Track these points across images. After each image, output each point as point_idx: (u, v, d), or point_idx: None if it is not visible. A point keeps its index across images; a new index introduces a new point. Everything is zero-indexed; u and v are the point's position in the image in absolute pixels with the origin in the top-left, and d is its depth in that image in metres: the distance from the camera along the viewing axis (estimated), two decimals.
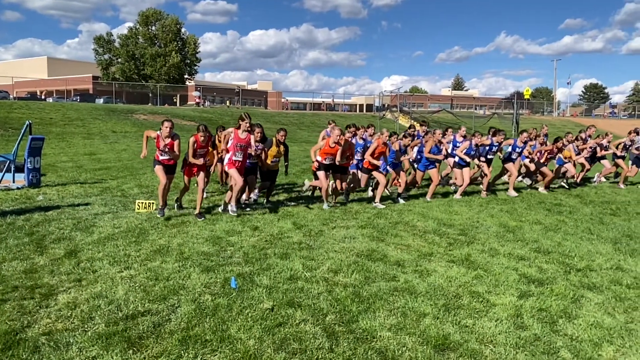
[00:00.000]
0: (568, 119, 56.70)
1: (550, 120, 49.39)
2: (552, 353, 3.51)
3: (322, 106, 59.11)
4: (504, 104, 65.28)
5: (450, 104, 67.99)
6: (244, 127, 7.78)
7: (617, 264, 5.69)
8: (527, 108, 60.01)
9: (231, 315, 3.97)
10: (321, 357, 3.37)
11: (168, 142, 7.37)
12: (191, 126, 27.69)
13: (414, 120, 39.67)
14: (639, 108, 74.36)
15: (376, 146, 8.96)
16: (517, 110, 36.35)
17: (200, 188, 7.67)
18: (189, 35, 57.27)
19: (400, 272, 5.22)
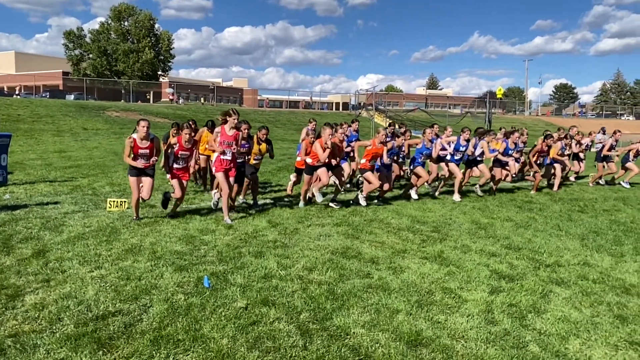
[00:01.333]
0: (539, 118, 57.96)
1: (522, 120, 50.44)
2: (521, 347, 3.59)
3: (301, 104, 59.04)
4: (477, 103, 66.42)
5: (425, 103, 68.67)
6: (231, 124, 7.31)
7: (584, 259, 5.85)
8: (500, 107, 61.11)
9: (204, 314, 3.94)
10: (295, 355, 3.37)
11: (147, 145, 6.88)
12: (164, 123, 27.30)
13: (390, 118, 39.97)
14: (606, 108, 76.64)
15: (369, 146, 8.62)
16: (489, 109, 36.95)
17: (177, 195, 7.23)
18: (163, 31, 56.50)
19: (375, 269, 5.25)
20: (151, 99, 56.29)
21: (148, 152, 6.87)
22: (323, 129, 8.28)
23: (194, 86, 62.55)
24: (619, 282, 5.06)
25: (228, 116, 7.36)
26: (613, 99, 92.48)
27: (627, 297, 4.66)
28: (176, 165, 7.27)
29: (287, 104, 58.92)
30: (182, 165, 7.32)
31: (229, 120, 7.34)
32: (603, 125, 15.82)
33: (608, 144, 12.89)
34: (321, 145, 8.14)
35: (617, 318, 4.15)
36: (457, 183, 9.91)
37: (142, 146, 6.86)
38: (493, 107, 48.93)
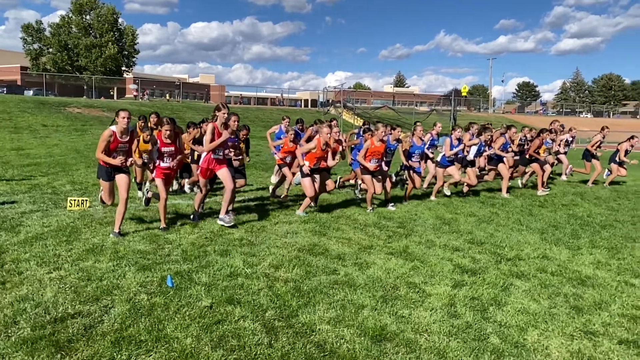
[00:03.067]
0: (503, 115, 59.38)
1: (486, 117, 51.54)
2: (482, 339, 3.68)
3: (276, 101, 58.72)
4: (442, 100, 67.51)
5: (392, 101, 69.38)
6: (221, 119, 6.65)
7: (543, 253, 6.04)
8: (465, 105, 62.32)
9: (168, 314, 3.88)
10: (260, 352, 3.36)
11: (127, 139, 6.14)
12: None
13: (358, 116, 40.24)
14: (566, 106, 79.22)
15: (368, 146, 8.02)
16: (454, 106, 37.65)
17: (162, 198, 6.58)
18: (127, 25, 55.05)
19: (341, 265, 5.28)
20: (115, 95, 54.92)
21: (127, 147, 6.20)
22: (320, 128, 7.77)
23: (159, 82, 61.32)
24: (576, 274, 5.25)
25: (217, 111, 6.74)
26: (572, 97, 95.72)
27: (582, 288, 4.83)
28: (162, 163, 6.66)
29: (255, 101, 58.48)
30: (168, 163, 6.68)
31: (219, 115, 6.68)
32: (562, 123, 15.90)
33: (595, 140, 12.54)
34: (318, 145, 7.56)
35: (573, 309, 4.30)
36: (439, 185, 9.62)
37: (122, 140, 6.14)
38: (458, 104, 49.89)
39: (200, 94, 65.78)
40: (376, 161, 8.02)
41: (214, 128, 6.64)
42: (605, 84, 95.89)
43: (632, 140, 12.50)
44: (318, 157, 7.64)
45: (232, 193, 6.89)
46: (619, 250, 6.26)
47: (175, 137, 6.77)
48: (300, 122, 11.00)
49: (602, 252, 6.15)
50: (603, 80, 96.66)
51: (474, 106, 68.19)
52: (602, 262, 5.72)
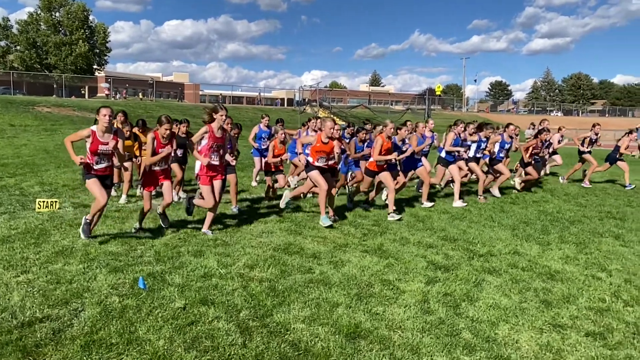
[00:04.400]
0: (476, 114, 60.31)
1: (460, 116, 52.30)
2: (455, 335, 3.73)
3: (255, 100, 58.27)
4: (417, 99, 68.20)
5: (368, 100, 69.73)
6: (220, 121, 6.20)
7: (514, 248, 6.16)
8: (439, 104, 63.10)
9: (140, 316, 3.82)
10: (233, 353, 3.33)
11: (110, 140, 5.61)
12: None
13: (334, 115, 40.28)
14: (537, 104, 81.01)
15: (382, 143, 7.64)
16: (429, 105, 38.08)
17: (166, 202, 6.18)
18: (98, 23, 54.03)
19: (316, 264, 5.29)
20: (86, 94, 53.75)
21: (110, 150, 5.64)
22: (324, 122, 7.30)
23: (132, 81, 60.24)
24: (545, 269, 5.37)
25: (215, 113, 6.19)
26: (543, 96, 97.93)
27: (552, 282, 4.95)
28: (155, 166, 6.17)
29: (230, 100, 57.98)
30: (162, 165, 6.21)
31: (216, 117, 6.18)
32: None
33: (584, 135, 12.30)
34: (319, 140, 7.10)
35: (543, 303, 4.40)
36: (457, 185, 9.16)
37: (103, 140, 5.54)
38: (432, 103, 50.49)
39: (175, 93, 64.89)
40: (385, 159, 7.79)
41: (207, 131, 6.20)
42: (574, 83, 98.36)
43: (632, 134, 12.31)
44: (318, 151, 7.05)
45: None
46: (586, 245, 6.43)
47: (172, 138, 6.27)
48: (280, 122, 10.85)
49: (570, 247, 6.31)
50: (572, 80, 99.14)
51: (448, 105, 69.09)
52: (571, 256, 5.87)
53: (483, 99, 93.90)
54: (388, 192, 7.91)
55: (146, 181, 6.21)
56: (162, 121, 6.09)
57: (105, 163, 5.68)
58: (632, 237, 6.91)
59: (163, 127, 6.06)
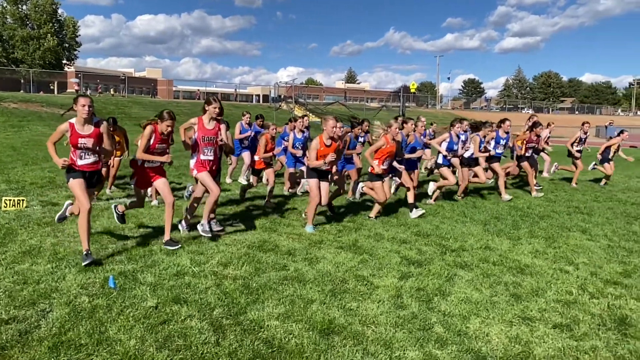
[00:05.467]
0: (449, 111, 61.14)
1: (434, 113, 52.92)
2: (427, 329, 3.78)
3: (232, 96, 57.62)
4: (392, 97, 68.71)
5: (344, 97, 69.92)
6: (211, 114, 5.94)
7: (485, 243, 6.27)
8: (413, 101, 63.72)
9: (110, 316, 3.75)
10: (207, 351, 3.31)
11: (91, 132, 5.05)
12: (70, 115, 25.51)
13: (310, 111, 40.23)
14: (508, 102, 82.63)
15: (381, 145, 7.09)
16: (403, 103, 38.39)
17: (168, 203, 5.62)
18: (67, 16, 52.77)
19: (291, 261, 5.29)
20: (55, 90, 52.41)
21: (92, 143, 5.06)
22: (325, 121, 6.70)
23: (103, 76, 58.92)
24: (515, 263, 5.48)
25: (207, 104, 5.98)
26: (515, 93, 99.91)
27: (521, 276, 5.05)
28: (147, 163, 5.69)
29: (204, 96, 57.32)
30: (155, 163, 5.71)
31: (208, 109, 5.95)
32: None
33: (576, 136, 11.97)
34: (321, 143, 6.58)
35: (513, 296, 4.49)
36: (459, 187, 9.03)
37: (83, 133, 4.99)
38: (407, 101, 50.93)
39: (147, 88, 63.79)
40: (389, 162, 7.29)
41: (196, 122, 5.97)
42: (544, 81, 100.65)
43: (623, 134, 12.10)
44: (323, 155, 6.53)
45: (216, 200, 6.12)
46: (555, 239, 6.59)
47: (170, 136, 5.77)
48: (260, 118, 10.73)
49: (540, 241, 6.46)
50: (543, 78, 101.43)
51: (422, 103, 69.83)
52: (540, 251, 6.01)
53: (456, 96, 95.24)
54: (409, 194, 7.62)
55: (139, 181, 5.74)
56: (164, 117, 5.58)
57: (92, 158, 5.11)
58: (598, 231, 7.11)
59: (165, 123, 5.57)
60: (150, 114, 35.74)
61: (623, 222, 7.79)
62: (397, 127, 7.19)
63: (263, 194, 8.97)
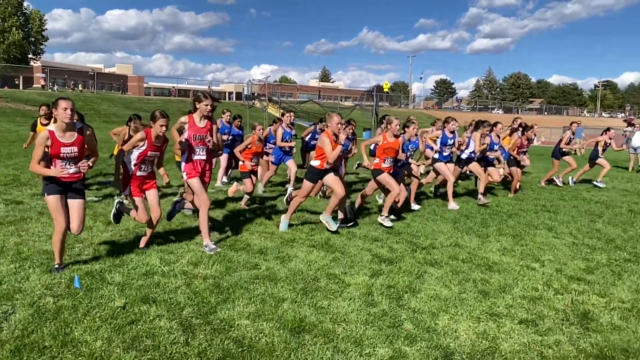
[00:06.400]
0: (422, 111, 61.88)
1: (407, 112, 53.48)
2: (397, 326, 3.82)
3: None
4: (365, 96, 69.10)
5: (318, 95, 70.00)
6: (203, 111, 5.55)
7: (455, 241, 6.38)
8: (387, 101, 64.25)
9: (76, 317, 3.67)
10: (175, 351, 3.27)
11: (75, 140, 4.51)
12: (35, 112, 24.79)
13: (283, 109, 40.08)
14: (479, 102, 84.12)
15: (378, 141, 6.98)
16: (377, 102, 38.62)
17: (154, 217, 5.31)
18: (33, 10, 51.43)
19: (263, 259, 5.26)
20: (21, 85, 50.83)
21: (76, 153, 4.51)
22: (329, 117, 6.50)
23: (71, 72, 57.45)
24: (484, 260, 5.59)
25: (197, 102, 5.55)
26: (485, 94, 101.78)
27: (489, 273, 5.16)
28: (139, 172, 5.25)
29: (177, 93, 56.52)
30: (147, 170, 5.33)
31: (199, 106, 5.54)
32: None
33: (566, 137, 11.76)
34: (330, 139, 6.34)
35: (481, 293, 4.58)
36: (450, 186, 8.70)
37: (65, 142, 4.46)
38: (380, 100, 51.32)
39: (117, 85, 62.46)
40: (391, 160, 7.13)
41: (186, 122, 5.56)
42: (514, 82, 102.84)
43: (609, 132, 12.05)
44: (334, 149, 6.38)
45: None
46: (522, 237, 6.75)
47: (165, 141, 5.41)
48: (238, 119, 10.55)
49: (507, 239, 6.60)
50: (512, 79, 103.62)
51: (396, 102, 70.46)
52: (508, 248, 6.14)
53: (429, 96, 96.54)
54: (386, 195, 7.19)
55: (134, 190, 5.27)
56: (156, 116, 5.13)
57: (74, 168, 4.54)
58: (563, 229, 7.31)
59: (158, 122, 5.11)
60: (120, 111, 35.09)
61: (587, 220, 8.03)
62: (397, 125, 7.02)
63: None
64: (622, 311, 4.28)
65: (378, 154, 7.09)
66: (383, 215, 6.93)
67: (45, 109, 8.13)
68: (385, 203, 7.02)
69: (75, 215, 4.62)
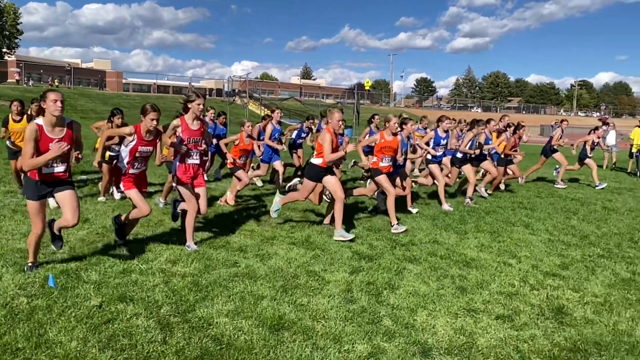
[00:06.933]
0: (403, 109, 62.26)
1: (388, 110, 53.75)
2: (376, 322, 3.84)
3: (188, 90, 55.97)
4: (347, 93, 69.26)
5: (299, 92, 69.91)
6: (195, 111, 5.28)
7: (434, 238, 6.44)
8: (368, 98, 64.48)
9: (51, 317, 3.60)
10: (153, 350, 3.23)
11: (64, 135, 4.18)
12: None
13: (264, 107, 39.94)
14: (459, 101, 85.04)
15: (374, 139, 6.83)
16: (358, 100, 38.76)
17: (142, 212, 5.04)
18: (7, 3, 50.11)
19: (242, 257, 5.24)
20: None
21: (66, 147, 4.17)
22: (330, 113, 6.28)
23: (46, 66, 56.22)
24: (462, 256, 5.66)
25: (189, 102, 5.27)
26: (465, 92, 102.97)
27: (467, 269, 5.22)
28: (132, 170, 5.06)
29: (156, 89, 55.82)
30: (141, 167, 5.12)
31: (191, 106, 5.26)
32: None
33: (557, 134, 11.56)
34: (331, 136, 6.11)
35: (458, 289, 4.63)
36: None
37: (54, 137, 4.14)
38: (362, 98, 51.51)
39: (95, 81, 61.32)
40: (389, 160, 6.93)
41: (179, 125, 5.31)
42: (493, 81, 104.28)
43: (598, 131, 12.06)
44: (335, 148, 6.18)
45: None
46: (499, 233, 6.85)
47: (158, 134, 5.12)
48: (223, 115, 10.43)
49: (485, 235, 6.69)
50: (491, 78, 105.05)
51: (377, 100, 70.76)
52: (485, 245, 6.23)
53: (409, 94, 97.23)
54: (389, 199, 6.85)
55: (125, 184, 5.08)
56: (146, 109, 4.87)
57: (62, 166, 4.27)
58: (540, 225, 7.44)
59: (148, 116, 4.86)
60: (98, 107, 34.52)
61: (563, 217, 8.18)
62: (395, 123, 6.81)
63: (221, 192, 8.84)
64: (595, 305, 4.38)
65: (375, 152, 6.91)
66: (394, 224, 6.66)
67: (18, 104, 7.88)
68: (389, 211, 6.77)
69: (68, 207, 4.32)
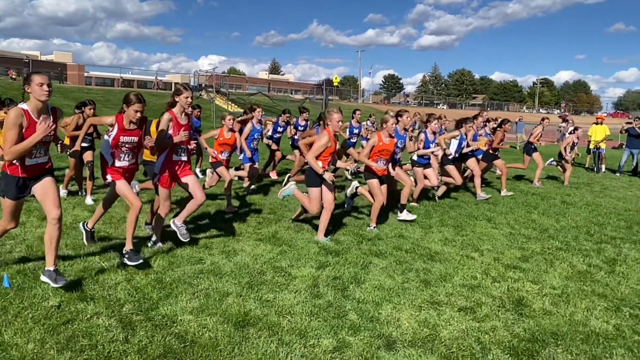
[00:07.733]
0: (371, 105, 62.68)
1: (356, 106, 53.98)
2: (342, 317, 3.87)
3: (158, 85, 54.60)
4: (315, 89, 69.24)
5: (267, 87, 69.39)
6: (183, 104, 5.04)
7: (400, 232, 6.52)
8: (336, 94, 64.64)
9: (6, 319, 3.47)
10: (114, 350, 3.16)
11: (49, 124, 3.76)
12: None
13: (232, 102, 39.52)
14: (425, 97, 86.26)
15: (374, 143, 6.46)
16: (326, 96, 38.82)
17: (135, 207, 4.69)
18: None
19: (207, 254, 5.18)
20: None
21: (50, 138, 3.94)
22: (329, 115, 5.94)
23: (3, 58, 54.02)
24: (426, 250, 5.76)
25: (177, 94, 5.03)
26: (431, 89, 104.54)
27: (431, 263, 5.32)
28: (118, 162, 4.76)
29: (120, 83, 54.39)
30: (129, 160, 4.83)
31: (178, 100, 5.01)
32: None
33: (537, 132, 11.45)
34: (329, 139, 5.84)
35: (422, 282, 4.71)
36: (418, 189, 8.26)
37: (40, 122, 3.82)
38: (330, 94, 51.61)
39: (55, 74, 59.26)
40: (384, 162, 6.63)
41: (171, 119, 5.01)
42: (458, 78, 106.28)
43: (577, 132, 12.00)
44: (328, 154, 5.96)
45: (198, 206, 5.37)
46: (463, 227, 7.00)
47: (142, 123, 4.83)
48: (198, 108, 10.19)
49: (449, 229, 6.82)
50: (457, 75, 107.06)
51: (345, 97, 70.99)
52: (449, 238, 6.35)
53: (377, 91, 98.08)
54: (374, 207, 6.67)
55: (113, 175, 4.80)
56: (130, 99, 4.60)
57: (44, 157, 4.03)
58: (502, 219, 7.64)
59: (132, 107, 4.59)
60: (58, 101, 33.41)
61: (524, 211, 8.42)
62: (393, 124, 6.46)
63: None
64: (553, 297, 4.53)
65: (371, 154, 6.54)
66: (371, 226, 6.61)
67: None
68: (372, 214, 6.64)
69: (50, 199, 3.97)
